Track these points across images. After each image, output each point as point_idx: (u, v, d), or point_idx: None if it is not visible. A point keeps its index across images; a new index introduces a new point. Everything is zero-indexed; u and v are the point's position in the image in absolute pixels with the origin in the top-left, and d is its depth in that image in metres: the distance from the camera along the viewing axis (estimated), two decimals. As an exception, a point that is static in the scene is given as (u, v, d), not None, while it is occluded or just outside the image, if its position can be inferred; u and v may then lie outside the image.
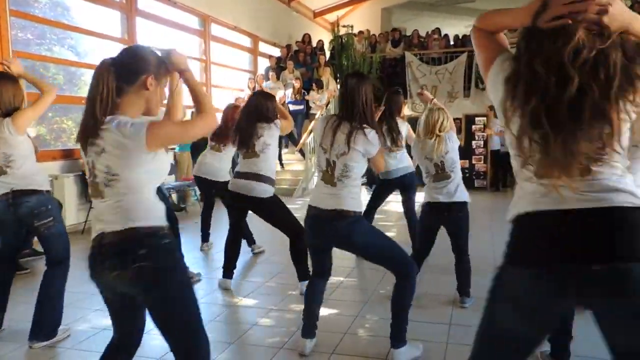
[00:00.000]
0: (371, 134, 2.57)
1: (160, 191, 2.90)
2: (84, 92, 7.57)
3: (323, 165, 2.65)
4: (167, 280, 1.64)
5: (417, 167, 4.48)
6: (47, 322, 2.93)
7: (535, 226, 1.27)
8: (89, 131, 1.61)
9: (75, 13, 7.40)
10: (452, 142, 3.48)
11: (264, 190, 3.75)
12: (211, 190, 5.20)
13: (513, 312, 1.31)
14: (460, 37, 12.24)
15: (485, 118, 10.00)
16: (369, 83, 2.65)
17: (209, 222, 5.38)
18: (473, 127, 10.20)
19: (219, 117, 2.76)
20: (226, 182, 4.82)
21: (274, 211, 3.79)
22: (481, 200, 8.30)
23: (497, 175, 9.96)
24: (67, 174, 6.31)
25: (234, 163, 5.07)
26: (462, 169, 9.45)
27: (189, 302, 1.69)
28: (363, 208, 2.74)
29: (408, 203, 4.66)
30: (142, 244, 1.58)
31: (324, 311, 3.41)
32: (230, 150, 4.88)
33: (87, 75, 7.61)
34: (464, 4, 15.24)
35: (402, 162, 4.47)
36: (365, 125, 2.57)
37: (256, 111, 3.78)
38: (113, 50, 1.74)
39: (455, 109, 10.33)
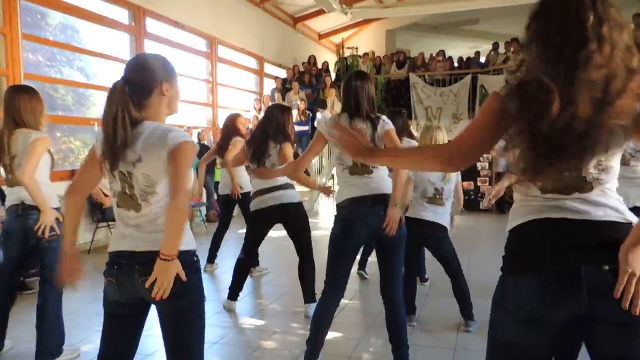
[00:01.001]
0: (384, 116, 2.76)
1: None
2: (92, 113, 7.71)
3: (349, 162, 2.71)
4: (191, 294, 1.71)
5: None
6: (50, 341, 2.93)
7: (541, 232, 1.31)
8: (117, 151, 1.65)
9: (85, 36, 7.55)
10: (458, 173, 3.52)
11: (293, 195, 3.75)
12: (232, 207, 5.19)
13: (518, 324, 1.32)
14: (464, 59, 12.37)
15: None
16: (370, 81, 2.81)
17: (219, 243, 5.30)
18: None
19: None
20: (246, 194, 4.85)
21: (301, 220, 3.73)
22: (487, 222, 8.26)
23: (504, 197, 9.90)
24: (74, 194, 6.36)
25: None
26: (467, 191, 9.37)
27: (202, 322, 1.77)
28: None
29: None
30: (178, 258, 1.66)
31: (328, 335, 3.40)
32: None
33: (96, 97, 7.73)
34: (467, 26, 15.42)
35: None
36: (378, 115, 2.75)
37: (271, 125, 3.75)
38: (122, 72, 1.77)
39: (460, 131, 10.36)
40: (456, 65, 12.32)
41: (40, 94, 2.98)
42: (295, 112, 10.60)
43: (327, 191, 3.43)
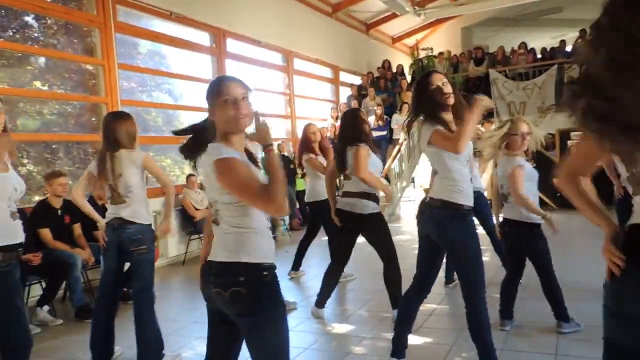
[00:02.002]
0: (426, 124, 2.64)
1: None
2: (180, 132, 8.18)
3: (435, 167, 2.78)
4: (264, 309, 1.71)
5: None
6: (149, 346, 3.13)
7: None
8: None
9: (171, 60, 8.05)
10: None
11: (364, 206, 3.73)
12: (316, 213, 5.13)
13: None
14: (548, 49, 11.72)
15: (582, 132, 9.39)
16: (428, 77, 2.68)
17: (304, 251, 5.36)
18: (569, 142, 9.63)
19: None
20: (319, 202, 4.89)
21: (375, 229, 3.76)
22: (581, 220, 7.68)
23: (601, 192, 9.24)
24: (168, 209, 6.77)
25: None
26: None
27: (280, 335, 1.75)
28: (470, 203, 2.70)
29: (485, 225, 4.48)
30: (244, 273, 1.70)
31: (417, 340, 3.35)
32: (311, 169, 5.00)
33: (183, 117, 8.20)
34: (549, 15, 14.59)
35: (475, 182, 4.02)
36: (427, 117, 2.65)
37: (347, 131, 3.83)
38: (205, 92, 1.89)
39: (547, 125, 9.83)
40: (539, 56, 11.71)
41: (127, 114, 3.25)
42: (372, 118, 10.58)
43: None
